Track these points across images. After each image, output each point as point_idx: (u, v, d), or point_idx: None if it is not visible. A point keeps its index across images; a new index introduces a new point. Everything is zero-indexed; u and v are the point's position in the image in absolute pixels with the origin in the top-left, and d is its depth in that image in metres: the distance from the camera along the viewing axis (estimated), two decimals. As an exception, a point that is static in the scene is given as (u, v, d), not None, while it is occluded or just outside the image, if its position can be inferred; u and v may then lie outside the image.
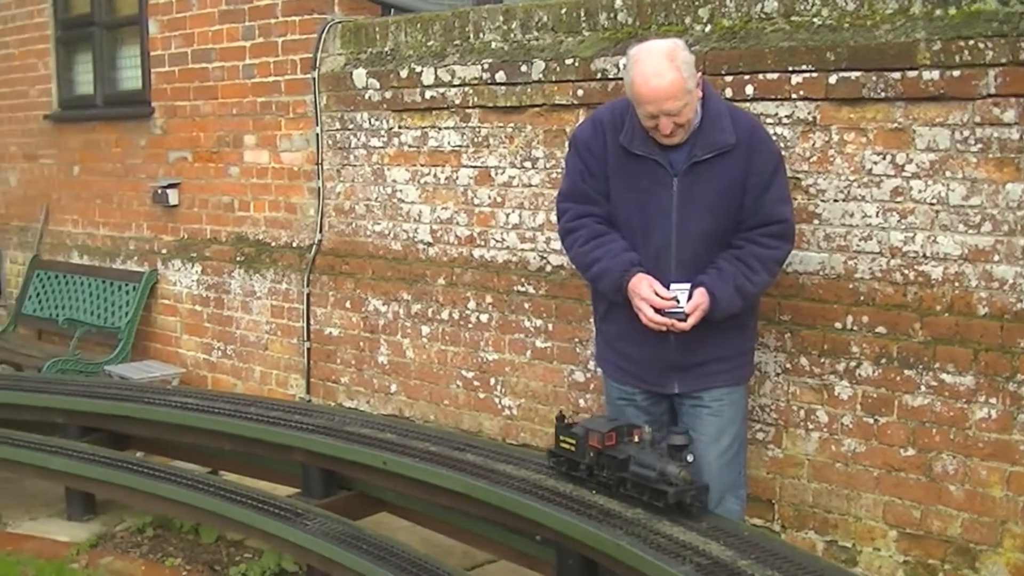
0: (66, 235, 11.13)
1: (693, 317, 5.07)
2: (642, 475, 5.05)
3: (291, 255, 8.58)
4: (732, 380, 5.40)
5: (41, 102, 11.33)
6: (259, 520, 6.10)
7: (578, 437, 5.34)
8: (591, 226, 5.34)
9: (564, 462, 5.44)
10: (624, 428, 5.24)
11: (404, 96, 7.67)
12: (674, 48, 5.01)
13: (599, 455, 5.25)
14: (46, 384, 8.28)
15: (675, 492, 4.91)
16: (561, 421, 5.50)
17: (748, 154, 5.12)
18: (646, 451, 5.11)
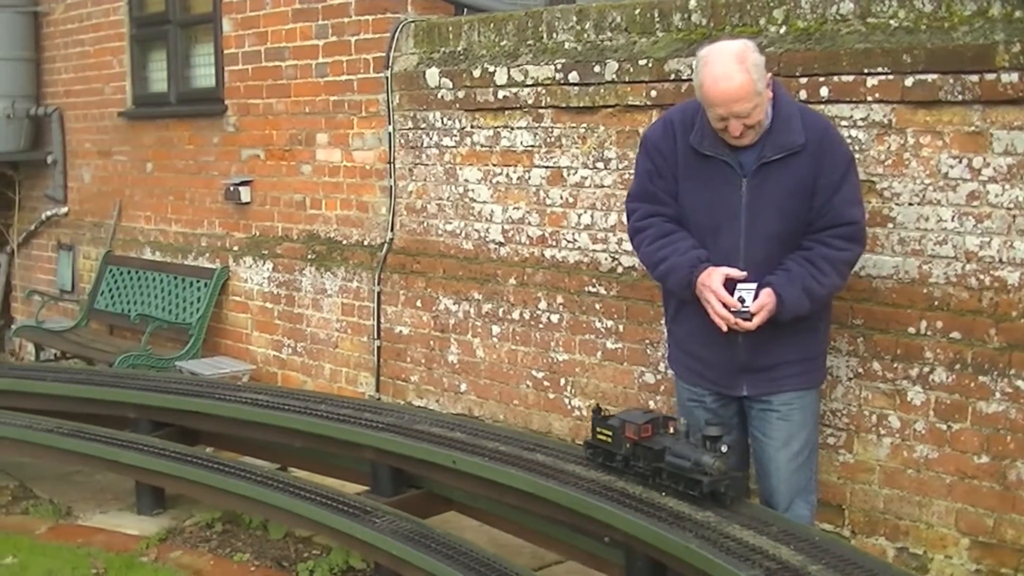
0: (139, 231, 11.26)
1: (758, 317, 5.08)
2: (678, 465, 5.17)
3: (362, 253, 8.64)
4: (802, 384, 5.37)
5: (115, 99, 11.46)
6: (328, 517, 6.15)
7: (614, 429, 5.49)
8: (659, 225, 5.38)
9: (600, 453, 5.59)
10: (660, 420, 5.38)
11: (477, 96, 7.71)
12: (744, 49, 5.02)
13: (635, 446, 5.38)
14: (118, 379, 8.38)
15: (710, 481, 5.04)
16: (598, 413, 5.64)
17: (818, 155, 5.11)
18: (681, 442, 5.24)
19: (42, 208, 12.74)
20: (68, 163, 12.36)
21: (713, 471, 5.05)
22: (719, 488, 5.06)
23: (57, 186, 12.40)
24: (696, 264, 5.19)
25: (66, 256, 12.32)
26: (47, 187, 12.55)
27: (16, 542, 7.22)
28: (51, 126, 12.33)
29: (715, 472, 5.05)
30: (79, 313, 11.62)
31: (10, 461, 8.51)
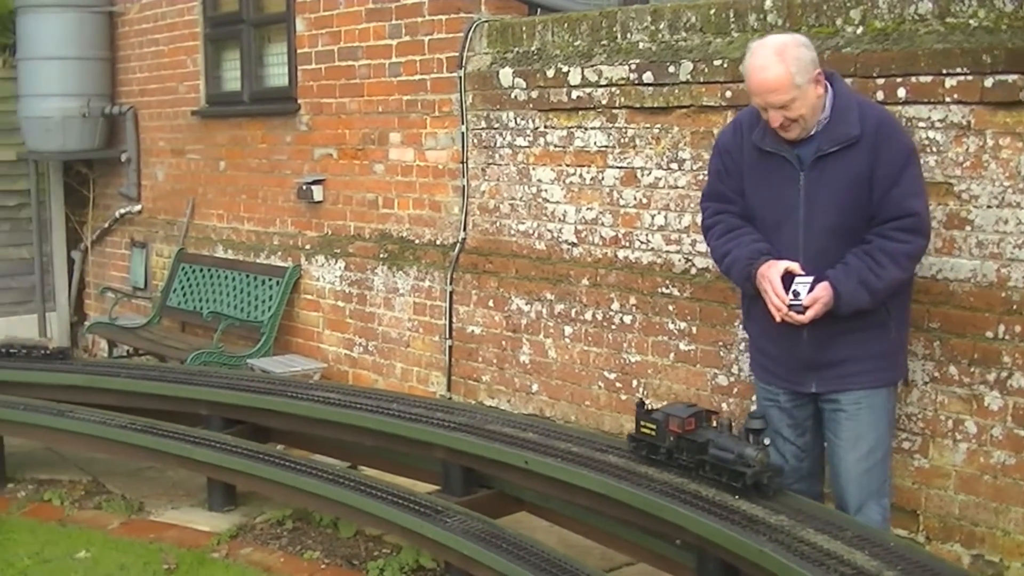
0: (211, 229, 11.37)
1: (811, 311, 5.09)
2: (721, 458, 5.32)
3: (434, 253, 8.67)
4: (870, 382, 5.33)
5: (189, 98, 11.59)
6: (399, 516, 6.18)
7: (658, 422, 5.65)
8: (726, 221, 5.47)
9: (644, 446, 5.74)
10: (703, 414, 5.55)
11: (550, 96, 7.72)
12: (786, 44, 5.11)
13: (679, 439, 5.55)
14: (190, 376, 8.47)
15: (753, 473, 5.18)
16: (641, 407, 5.81)
17: (875, 147, 5.11)
18: (724, 435, 5.39)
19: (116, 206, 12.89)
20: (142, 161, 12.50)
21: (756, 463, 5.19)
22: (762, 480, 5.20)
23: (131, 184, 12.54)
24: (756, 256, 5.26)
25: (139, 253, 12.44)
26: (121, 185, 12.69)
27: (89, 536, 7.34)
28: (125, 124, 12.47)
29: (757, 464, 5.19)
30: (152, 310, 11.75)
31: (83, 456, 8.65)
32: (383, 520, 6.37)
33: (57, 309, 13.50)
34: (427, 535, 5.99)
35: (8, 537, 7.34)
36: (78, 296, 13.72)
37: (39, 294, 13.23)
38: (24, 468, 8.59)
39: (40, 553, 7.07)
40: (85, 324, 13.11)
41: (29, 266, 13.28)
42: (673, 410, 5.64)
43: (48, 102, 12.30)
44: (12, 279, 13.31)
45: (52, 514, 7.79)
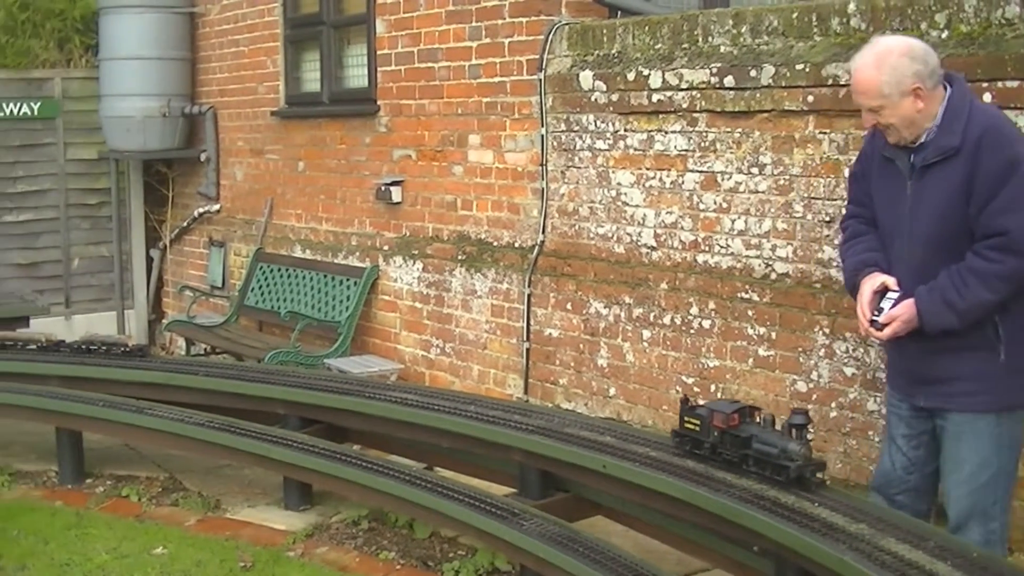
0: (289, 229, 11.45)
1: (890, 328, 5.05)
2: (765, 452, 5.46)
3: (513, 255, 8.70)
4: (973, 406, 5.13)
5: (269, 99, 11.69)
6: (475, 518, 6.20)
7: (702, 418, 5.79)
8: (852, 227, 5.46)
9: (688, 441, 5.89)
10: (746, 410, 5.67)
11: (631, 99, 7.73)
12: (890, 50, 5.02)
13: (723, 434, 5.67)
14: (268, 375, 8.52)
15: (796, 467, 5.31)
16: (685, 403, 5.96)
17: (974, 159, 4.95)
18: (767, 430, 5.54)
19: (194, 205, 13.03)
20: (221, 161, 12.64)
21: (799, 457, 5.33)
22: (805, 473, 5.33)
23: (210, 183, 12.67)
24: (861, 268, 5.24)
25: (217, 253, 12.55)
26: (200, 184, 12.83)
27: (166, 533, 7.42)
28: (205, 124, 12.61)
29: (800, 458, 5.33)
30: (229, 309, 11.86)
31: (161, 453, 8.72)
32: (459, 522, 6.39)
33: (135, 307, 13.65)
34: (503, 537, 6.00)
35: (86, 532, 7.44)
36: (156, 294, 13.87)
37: (118, 292, 13.40)
38: (102, 464, 8.69)
39: (118, 548, 7.16)
40: (163, 322, 13.26)
41: (108, 264, 13.45)
42: (717, 406, 5.80)
43: (129, 102, 12.48)
44: (92, 277, 13.49)
45: (129, 510, 7.88)
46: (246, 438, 7.60)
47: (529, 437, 6.57)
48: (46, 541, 7.28)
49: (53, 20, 13.18)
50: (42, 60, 13.18)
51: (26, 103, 12.99)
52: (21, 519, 7.63)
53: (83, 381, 8.68)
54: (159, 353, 12.61)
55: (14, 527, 7.49)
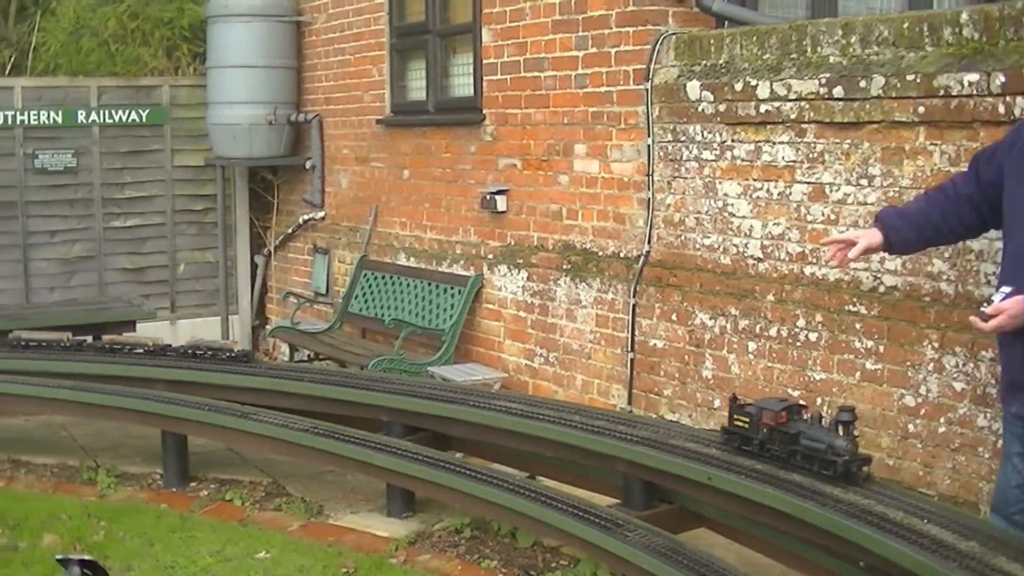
0: (394, 237, 11.55)
1: (995, 320, 4.99)
2: (812, 448, 5.78)
3: (618, 265, 8.71)
4: None
5: (374, 107, 11.80)
6: (578, 528, 6.23)
7: (752, 416, 6.13)
8: (938, 188, 5.66)
9: (737, 438, 6.24)
10: (794, 407, 6.01)
11: (738, 109, 7.72)
12: None
13: (771, 431, 6.00)
14: (372, 382, 8.60)
15: (843, 463, 5.64)
16: (734, 402, 6.31)
17: None
18: (815, 427, 5.88)
19: (299, 212, 13.17)
20: (326, 168, 12.78)
21: (846, 453, 5.65)
22: (851, 468, 5.65)
23: (315, 191, 12.80)
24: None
25: (322, 259, 12.68)
26: (305, 191, 12.96)
27: (270, 538, 7.54)
28: (311, 132, 12.75)
29: (847, 454, 5.65)
30: (333, 316, 11.98)
31: (264, 458, 8.86)
32: (562, 531, 6.42)
33: (239, 312, 13.84)
34: (607, 548, 6.02)
35: (191, 534, 7.58)
36: (260, 300, 14.04)
37: (223, 297, 13.59)
38: (207, 467, 8.86)
39: (221, 552, 7.29)
40: (267, 328, 13.43)
41: (213, 269, 13.65)
42: (766, 404, 6.13)
43: (235, 109, 12.68)
44: (197, 282, 13.68)
45: (233, 514, 8.02)
46: (350, 444, 7.68)
47: (634, 448, 6.59)
48: (151, 543, 7.44)
49: (162, 29, 13.40)
50: (151, 68, 13.40)
51: (135, 110, 13.22)
52: (127, 521, 7.79)
53: (189, 385, 8.84)
54: (263, 359, 12.76)
55: (120, 528, 7.65)
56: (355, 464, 7.73)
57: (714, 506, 6.38)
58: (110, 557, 7.10)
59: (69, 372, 9.13)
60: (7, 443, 9.70)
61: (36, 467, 9.09)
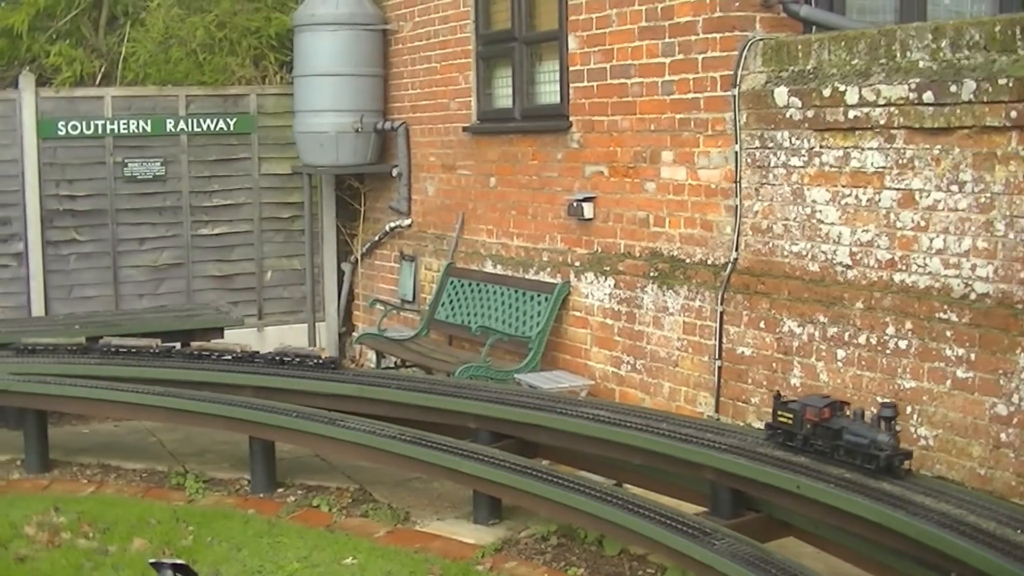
0: (480, 244, 11.60)
1: None
2: (855, 443, 6.11)
3: (705, 272, 8.71)
4: None
5: (461, 115, 11.85)
6: (665, 536, 6.24)
7: (795, 412, 6.50)
8: None
9: (781, 434, 6.60)
10: (836, 404, 6.37)
11: (826, 115, 7.69)
12: None
13: (815, 427, 6.36)
14: (459, 389, 8.68)
15: (886, 457, 5.97)
16: (778, 399, 6.71)
17: None
18: (858, 423, 6.21)
19: (386, 220, 13.24)
20: (412, 176, 12.84)
21: (888, 447, 5.99)
22: (893, 462, 5.98)
23: (401, 198, 12.88)
24: None
25: (408, 267, 12.74)
26: (391, 199, 13.03)
27: (356, 544, 7.61)
28: (397, 140, 12.83)
29: (889, 448, 5.99)
30: (420, 323, 12.04)
31: (351, 464, 8.93)
32: (649, 539, 6.43)
33: (326, 319, 13.93)
34: (694, 556, 6.03)
35: (278, 540, 7.67)
36: (347, 307, 14.13)
37: (310, 304, 13.68)
38: (294, 473, 8.97)
39: (308, 557, 7.37)
40: (353, 335, 13.51)
41: (301, 277, 13.75)
42: (810, 401, 6.51)
43: (322, 117, 12.78)
44: (284, 289, 13.79)
45: (320, 520, 8.10)
46: (437, 451, 7.74)
47: (722, 456, 6.62)
48: (239, 548, 7.54)
49: (249, 38, 13.51)
50: (238, 77, 13.52)
51: (223, 119, 13.37)
52: (215, 525, 7.92)
53: (276, 392, 8.97)
54: (349, 365, 12.84)
55: (208, 533, 7.76)
56: (442, 471, 7.80)
57: (802, 515, 6.37)
58: (198, 561, 7.20)
59: (158, 378, 9.29)
60: (98, 448, 9.90)
61: (126, 472, 9.26)
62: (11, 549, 7.50)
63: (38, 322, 11.91)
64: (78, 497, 8.60)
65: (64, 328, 10.97)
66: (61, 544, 7.56)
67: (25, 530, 7.78)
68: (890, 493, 5.68)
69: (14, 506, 8.31)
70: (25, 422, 9.39)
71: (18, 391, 9.18)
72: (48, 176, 12.78)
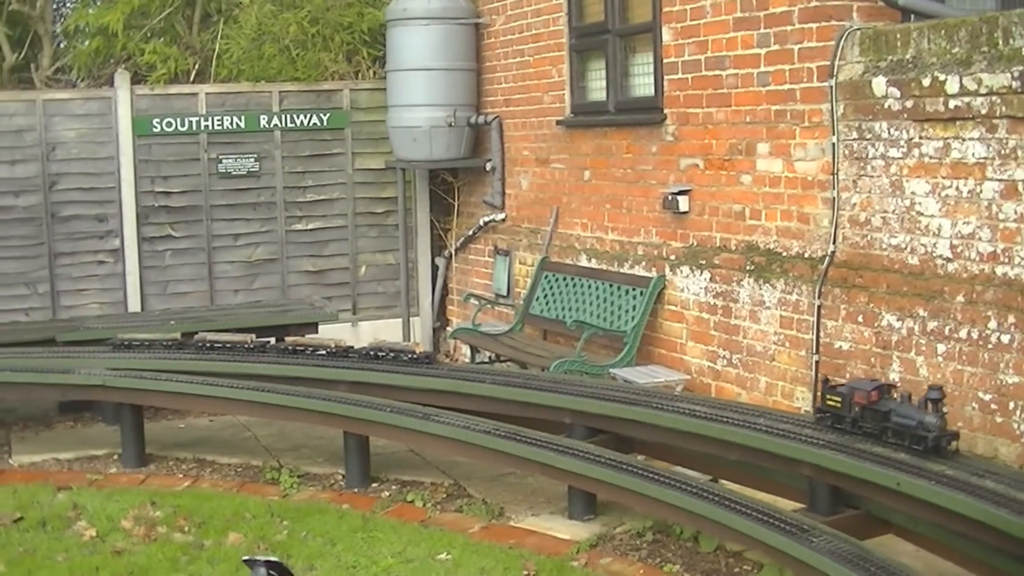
0: (575, 238, 11.61)
1: None
2: (904, 424, 6.40)
3: (802, 266, 8.65)
4: None
5: (554, 108, 11.87)
6: (763, 532, 6.21)
7: (844, 396, 6.79)
8: None
9: (830, 417, 6.89)
10: (884, 387, 6.69)
11: (926, 105, 7.61)
12: None
13: (864, 410, 6.64)
14: (554, 383, 8.69)
15: (934, 438, 6.24)
16: (827, 383, 7.05)
17: None
18: (905, 405, 6.48)
19: (479, 214, 13.28)
20: (506, 170, 12.89)
21: (936, 429, 6.26)
22: (941, 443, 6.24)
23: (495, 192, 12.91)
24: None
25: (502, 261, 12.77)
26: (485, 193, 13.08)
27: (451, 539, 7.66)
28: (490, 134, 12.87)
29: (937, 430, 6.25)
30: (514, 318, 12.08)
31: (445, 460, 8.97)
32: (746, 536, 6.41)
33: (421, 314, 13.99)
34: (792, 554, 5.99)
35: (372, 535, 7.73)
36: (441, 302, 14.17)
37: (404, 299, 13.74)
38: (388, 468, 9.04)
39: (403, 553, 7.42)
40: (448, 329, 13.56)
41: (395, 271, 13.82)
42: (858, 384, 6.80)
43: (415, 112, 12.83)
44: (379, 284, 13.87)
45: (414, 515, 8.16)
46: (532, 447, 7.76)
47: (820, 452, 6.56)
48: (333, 543, 7.61)
49: (342, 33, 13.60)
50: (331, 72, 13.63)
51: (316, 114, 13.48)
52: (310, 520, 7.99)
53: (371, 387, 9.03)
54: (444, 360, 12.88)
55: (303, 528, 7.84)
56: (537, 466, 7.80)
57: (902, 512, 6.32)
58: (293, 556, 7.30)
59: (252, 373, 9.40)
60: (193, 443, 10.04)
61: (221, 467, 9.40)
62: (108, 542, 7.63)
63: (134, 318, 12.07)
64: (174, 491, 8.72)
65: (160, 324, 11.13)
66: (157, 538, 7.67)
67: (122, 524, 7.92)
68: (992, 490, 5.60)
69: (111, 500, 8.45)
70: (122, 417, 9.55)
71: (115, 386, 9.31)
72: (143, 173, 13.00)
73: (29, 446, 10.07)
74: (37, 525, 7.97)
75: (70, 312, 12.74)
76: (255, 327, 10.81)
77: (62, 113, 12.75)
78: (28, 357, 9.95)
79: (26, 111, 12.65)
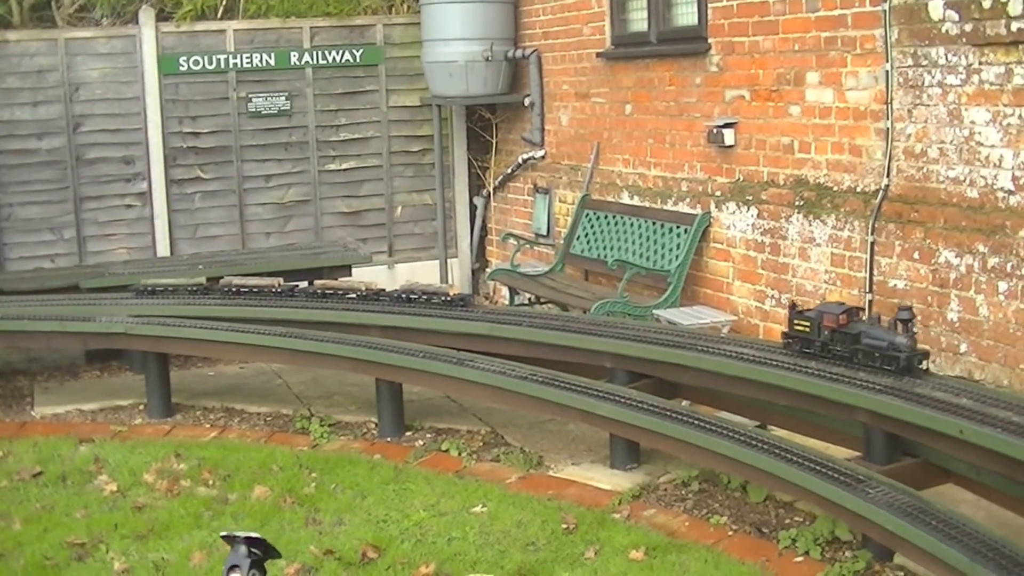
0: (616, 175, 11.41)
1: None
2: (874, 346, 6.60)
3: (854, 200, 8.43)
4: None
5: (594, 40, 11.65)
6: (815, 483, 6.05)
7: (812, 320, 6.97)
8: None
9: (798, 342, 7.07)
10: (853, 311, 6.87)
11: (986, 28, 7.33)
12: None
13: (833, 333, 6.83)
14: (595, 326, 8.51)
15: (905, 357, 6.46)
16: (794, 309, 7.19)
17: None
18: (875, 327, 6.70)
19: (518, 151, 13.12)
20: (545, 106, 12.71)
21: (906, 349, 6.47)
22: (913, 363, 6.48)
23: (534, 129, 12.73)
24: None
25: (542, 200, 12.61)
26: (524, 130, 12.91)
27: (487, 490, 7.48)
28: (529, 68, 12.68)
29: (907, 349, 6.47)
30: (555, 258, 11.93)
31: (482, 406, 8.85)
32: (797, 486, 6.24)
33: (459, 255, 13.88)
34: (846, 505, 5.84)
35: (405, 487, 7.54)
36: (480, 243, 14.05)
37: (441, 240, 13.59)
38: (423, 416, 8.90)
39: (436, 505, 7.24)
40: (487, 271, 13.41)
41: (432, 212, 13.66)
42: (827, 308, 6.95)
43: (451, 47, 12.62)
44: (415, 225, 13.73)
45: (449, 465, 8.00)
46: (572, 392, 7.60)
47: (877, 397, 6.37)
48: (363, 496, 7.42)
49: (375, -35, 13.40)
50: (364, 7, 13.44)
51: (349, 50, 13.28)
52: (339, 472, 7.83)
53: (403, 331, 8.88)
54: (483, 302, 12.74)
55: (332, 480, 7.68)
56: (577, 413, 7.62)
57: (964, 461, 6.12)
58: (321, 510, 7.14)
59: (280, 319, 9.23)
60: (222, 391, 9.92)
61: (250, 416, 9.26)
62: (129, 497, 7.47)
63: (161, 263, 11.93)
64: (200, 443, 8.57)
65: (187, 268, 11.01)
66: (180, 492, 7.51)
67: (144, 478, 7.77)
68: None
69: (135, 452, 8.30)
70: (147, 366, 9.39)
71: (137, 334, 9.15)
72: (171, 113, 12.84)
73: (53, 397, 9.93)
74: (57, 480, 7.83)
75: (97, 258, 12.64)
76: (286, 271, 10.69)
77: (85, 52, 12.59)
78: (50, 305, 9.79)
79: (48, 51, 12.47)
